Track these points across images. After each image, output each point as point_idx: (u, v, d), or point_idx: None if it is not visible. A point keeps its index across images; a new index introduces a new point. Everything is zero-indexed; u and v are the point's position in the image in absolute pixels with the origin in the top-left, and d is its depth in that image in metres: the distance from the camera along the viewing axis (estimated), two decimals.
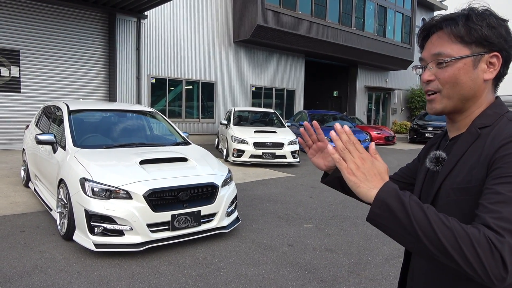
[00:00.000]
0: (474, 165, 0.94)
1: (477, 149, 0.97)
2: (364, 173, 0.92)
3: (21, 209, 5.20)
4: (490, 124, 1.00)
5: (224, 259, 3.82)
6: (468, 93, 1.01)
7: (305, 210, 5.72)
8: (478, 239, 0.78)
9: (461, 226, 0.80)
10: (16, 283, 3.15)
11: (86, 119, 5.33)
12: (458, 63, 0.99)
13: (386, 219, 0.86)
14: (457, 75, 0.99)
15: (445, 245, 0.79)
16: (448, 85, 1.00)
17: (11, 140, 10.65)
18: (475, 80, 1.00)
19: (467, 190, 0.94)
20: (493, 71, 1.00)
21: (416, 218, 0.82)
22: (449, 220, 0.81)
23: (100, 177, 3.79)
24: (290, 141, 9.91)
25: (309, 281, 3.40)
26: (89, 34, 11.82)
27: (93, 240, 3.67)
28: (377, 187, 0.90)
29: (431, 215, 0.82)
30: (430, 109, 1.07)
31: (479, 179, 0.92)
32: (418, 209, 0.83)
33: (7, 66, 10.44)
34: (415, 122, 18.58)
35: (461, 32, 0.98)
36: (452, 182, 0.98)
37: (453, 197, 0.97)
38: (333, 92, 22.78)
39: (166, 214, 3.83)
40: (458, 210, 0.96)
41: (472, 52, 0.98)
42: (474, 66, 0.99)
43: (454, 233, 0.79)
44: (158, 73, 13.39)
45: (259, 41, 15.14)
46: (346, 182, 0.94)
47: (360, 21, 18.44)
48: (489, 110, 1.03)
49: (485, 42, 0.98)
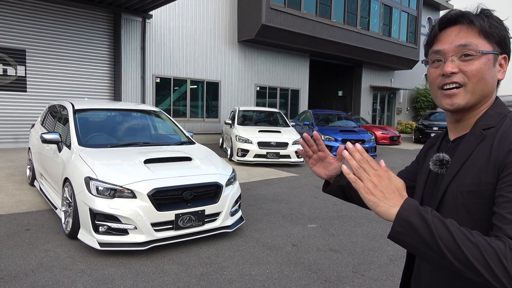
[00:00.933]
0: (483, 168, 0.93)
1: (484, 151, 0.95)
2: (382, 191, 0.90)
3: (27, 207, 5.23)
4: (494, 125, 0.99)
5: (228, 258, 3.82)
6: (488, 90, 1.00)
7: (309, 210, 5.71)
8: (505, 253, 0.76)
9: (486, 241, 0.79)
10: (21, 281, 3.17)
11: (91, 118, 5.35)
12: (483, 58, 0.97)
13: (409, 237, 0.84)
14: (483, 70, 0.97)
15: (472, 261, 0.77)
16: (475, 78, 0.98)
17: (17, 139, 10.72)
18: (493, 78, 1.00)
19: (477, 194, 0.93)
20: (503, 72, 1.02)
21: (440, 234, 0.80)
22: (473, 235, 0.79)
23: (105, 176, 3.80)
24: (294, 140, 9.89)
25: (313, 281, 3.39)
26: (94, 34, 11.88)
27: (98, 239, 3.68)
28: (397, 204, 0.87)
29: (455, 231, 0.80)
30: (450, 104, 1.00)
31: (489, 182, 0.91)
32: (441, 226, 0.81)
33: (13, 65, 10.51)
34: (420, 122, 18.49)
35: (487, 28, 0.98)
36: (460, 185, 0.96)
37: (461, 200, 0.95)
38: (338, 92, 22.73)
39: (170, 213, 3.84)
40: (467, 213, 0.95)
41: (494, 50, 0.99)
42: (494, 64, 0.99)
43: (480, 249, 0.77)
44: (163, 72, 13.42)
45: (264, 40, 15.13)
46: (365, 202, 0.91)
47: (365, 21, 18.37)
48: (491, 111, 1.02)
49: (502, 43, 1.00)
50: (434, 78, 1.04)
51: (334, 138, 11.81)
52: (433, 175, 1.11)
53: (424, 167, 1.17)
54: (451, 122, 1.10)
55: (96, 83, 12.05)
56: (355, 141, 11.92)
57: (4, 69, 10.36)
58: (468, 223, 0.94)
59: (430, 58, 1.06)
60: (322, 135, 11.95)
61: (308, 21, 15.46)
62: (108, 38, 12.18)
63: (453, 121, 1.09)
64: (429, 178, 1.13)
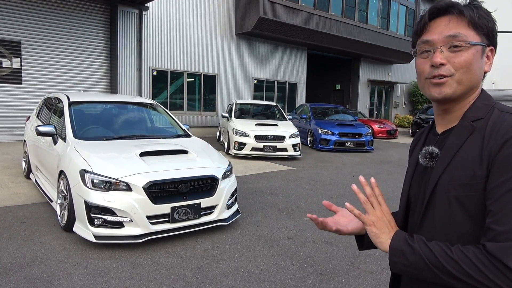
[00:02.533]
0: (476, 160, 0.93)
1: (475, 143, 0.95)
2: (385, 225, 1.00)
3: (22, 200, 5.22)
4: (482, 116, 0.99)
5: (224, 251, 3.82)
6: (475, 81, 1.00)
7: (305, 203, 5.71)
8: (481, 259, 0.84)
9: (463, 253, 0.87)
10: (16, 274, 3.16)
11: (87, 111, 5.31)
12: (472, 49, 0.97)
13: (403, 264, 0.94)
14: (471, 61, 0.97)
15: (456, 274, 0.86)
16: (462, 70, 0.98)
17: (12, 132, 10.66)
18: (481, 69, 1.00)
19: (471, 186, 0.92)
20: (489, 65, 1.02)
21: (426, 256, 0.90)
22: (451, 251, 0.88)
23: (100, 169, 3.79)
24: (291, 134, 9.88)
25: (309, 274, 3.40)
26: (91, 26, 11.77)
27: (93, 231, 3.68)
28: (390, 237, 0.98)
29: (437, 250, 0.89)
30: (438, 93, 1.00)
31: (483, 175, 0.90)
32: (425, 248, 0.91)
33: (9, 57, 10.41)
34: (417, 116, 18.50)
35: (476, 19, 0.97)
36: (452, 178, 0.96)
37: (453, 193, 0.95)
38: (335, 85, 22.68)
39: (166, 206, 3.83)
40: (460, 206, 0.94)
41: (482, 41, 0.99)
42: (482, 55, 0.99)
43: (459, 262, 0.86)
44: (159, 65, 13.34)
45: (261, 33, 15.04)
46: (367, 232, 1.01)
47: (364, 14, 18.29)
48: (478, 102, 1.02)
49: (490, 35, 0.99)
50: (422, 69, 1.04)
51: (331, 132, 11.80)
52: (420, 169, 1.10)
53: (411, 161, 1.17)
54: (439, 114, 1.09)
55: (92, 76, 11.96)
56: (352, 134, 11.93)
57: None
58: (463, 217, 0.94)
59: (418, 48, 1.05)
60: (319, 129, 11.96)
61: (306, 14, 15.37)
62: (105, 30, 12.07)
63: (441, 113, 1.08)
64: (416, 171, 1.12)
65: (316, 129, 12.05)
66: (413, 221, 1.08)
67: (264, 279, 3.27)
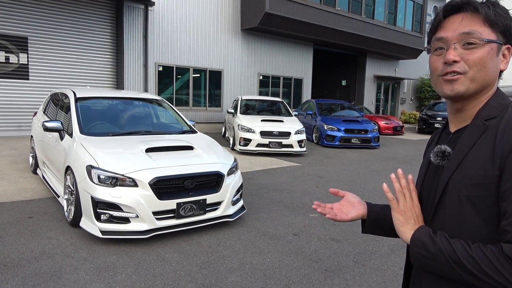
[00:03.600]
0: (488, 160, 0.92)
1: (487, 142, 0.94)
2: (411, 216, 1.03)
3: (30, 195, 5.26)
4: (496, 115, 0.97)
5: (229, 247, 3.83)
6: (489, 80, 0.99)
7: (311, 199, 5.71)
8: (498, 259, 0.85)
9: (482, 251, 0.87)
10: (23, 268, 3.19)
11: (93, 107, 5.33)
12: (486, 46, 0.96)
13: (423, 255, 0.96)
14: (485, 58, 0.96)
15: (474, 272, 0.87)
16: (476, 67, 0.97)
17: (20, 127, 10.74)
18: (496, 67, 0.99)
19: (482, 186, 0.92)
20: (506, 63, 1.00)
21: (446, 251, 0.91)
22: (471, 248, 0.88)
23: (106, 165, 3.81)
24: (297, 130, 9.85)
25: (314, 270, 3.40)
26: (97, 21, 11.79)
27: (100, 227, 3.70)
28: (415, 229, 1.01)
29: (457, 247, 0.90)
30: (450, 90, 1.00)
31: (495, 175, 0.90)
32: (447, 243, 0.92)
33: (16, 53, 10.47)
34: (424, 112, 18.37)
35: (492, 16, 0.96)
36: (464, 177, 0.95)
37: (465, 193, 0.94)
38: (341, 81, 22.56)
39: (172, 202, 3.85)
40: (472, 206, 0.93)
41: (498, 39, 0.97)
42: (497, 53, 0.98)
43: (477, 261, 0.87)
44: (165, 61, 13.34)
45: (267, 29, 14.98)
46: (393, 219, 1.04)
47: (370, 9, 18.13)
48: (492, 101, 1.00)
49: (507, 32, 0.98)
50: (436, 66, 1.03)
51: (337, 128, 11.76)
52: (433, 167, 1.10)
53: (425, 160, 1.17)
54: (452, 112, 1.08)
55: (99, 71, 12.00)
56: (358, 131, 11.87)
57: (6, 56, 10.33)
58: (474, 217, 0.93)
59: (432, 45, 1.05)
60: (325, 125, 11.91)
61: (312, 9, 15.27)
62: (110, 26, 12.09)
63: (454, 111, 1.07)
64: (429, 170, 1.12)
65: (322, 125, 12.01)
66: (424, 219, 1.08)
67: (269, 275, 3.28)
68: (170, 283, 3.06)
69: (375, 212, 1.29)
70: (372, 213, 1.29)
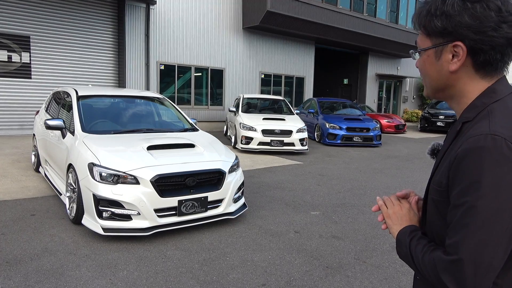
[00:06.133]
0: (446, 167, 0.92)
1: (454, 148, 0.91)
2: (398, 218, 1.12)
3: (32, 193, 5.28)
4: (471, 118, 0.93)
5: (231, 244, 3.84)
6: (437, 84, 1.00)
7: (312, 197, 5.71)
8: (439, 264, 0.89)
9: (427, 256, 0.93)
10: (26, 265, 3.21)
11: (95, 105, 5.35)
12: (423, 54, 1.01)
13: (401, 254, 1.05)
14: (423, 66, 1.02)
15: (425, 273, 0.94)
16: (422, 74, 1.05)
17: (22, 126, 10.78)
18: (440, 71, 0.97)
19: (439, 192, 0.94)
20: (457, 62, 0.93)
21: (412, 252, 1.00)
22: (423, 253, 0.95)
23: (108, 162, 3.82)
24: (298, 128, 9.86)
25: (315, 267, 3.41)
26: (98, 20, 11.81)
27: (101, 224, 3.72)
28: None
29: (414, 250, 0.99)
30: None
31: (445, 184, 0.91)
32: (413, 245, 1.00)
33: (18, 52, 10.51)
34: (426, 111, 18.34)
35: (423, 23, 0.98)
36: (433, 181, 0.99)
37: (432, 195, 0.99)
38: (343, 80, 22.53)
39: (173, 200, 3.86)
40: (435, 208, 0.97)
41: (433, 44, 0.97)
42: (437, 57, 0.97)
43: (426, 264, 0.93)
44: (167, 59, 13.36)
45: (269, 27, 14.97)
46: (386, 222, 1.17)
47: (372, 7, 18.09)
48: (477, 101, 0.94)
49: (444, 32, 0.93)
50: None
51: (339, 127, 11.75)
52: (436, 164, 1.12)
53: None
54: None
55: (101, 70, 12.03)
56: (360, 129, 11.86)
57: (9, 55, 10.37)
58: (439, 219, 0.96)
59: None
60: (327, 123, 11.91)
61: (313, 8, 15.25)
62: (112, 25, 12.11)
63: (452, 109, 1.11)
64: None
65: (324, 123, 12.00)
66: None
67: (270, 272, 3.28)
68: (172, 280, 3.07)
69: None
70: None
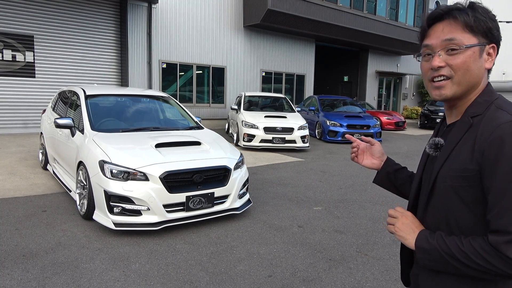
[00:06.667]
0: (468, 155, 1.03)
1: (470, 138, 1.04)
2: (408, 227, 1.16)
3: (41, 190, 5.42)
4: (480, 113, 1.07)
5: (237, 238, 3.98)
6: (475, 80, 1.08)
7: (314, 193, 5.85)
8: (485, 249, 0.96)
9: (471, 245, 0.99)
10: (42, 258, 3.35)
11: (102, 104, 5.47)
12: (468, 51, 1.05)
13: (428, 259, 1.08)
14: (468, 62, 1.05)
15: (469, 264, 0.99)
16: (461, 71, 1.06)
17: (26, 124, 10.91)
18: (480, 68, 1.08)
19: (463, 178, 1.03)
20: (491, 61, 1.09)
21: (444, 250, 1.03)
22: (463, 244, 1.00)
23: (118, 160, 3.95)
24: (300, 126, 9.98)
25: (318, 260, 3.55)
26: (101, 19, 11.92)
27: (113, 219, 3.85)
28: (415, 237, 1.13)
29: (451, 244, 1.02)
30: (438, 95, 1.11)
31: (474, 169, 1.01)
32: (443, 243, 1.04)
33: (22, 51, 10.62)
34: (426, 108, 18.46)
35: (471, 22, 1.05)
36: (449, 169, 1.07)
37: (449, 183, 1.06)
38: (343, 77, 22.64)
39: (181, 196, 3.99)
40: (455, 194, 1.05)
41: (479, 42, 1.06)
42: (480, 55, 1.06)
43: (468, 254, 0.98)
44: (169, 58, 13.47)
45: (270, 25, 15.07)
46: (398, 239, 1.19)
47: (372, 5, 18.18)
48: (479, 98, 1.09)
49: (489, 34, 1.06)
50: (426, 71, 1.15)
51: (339, 124, 11.87)
52: (430, 158, 1.21)
53: (425, 150, 1.28)
54: (447, 108, 1.20)
55: (104, 69, 12.15)
56: (360, 126, 11.99)
57: (13, 55, 10.48)
58: (459, 204, 1.05)
59: (422, 52, 1.16)
60: (328, 121, 12.04)
61: (314, 6, 15.34)
62: (115, 24, 12.22)
63: (447, 108, 1.19)
64: (428, 160, 1.23)
65: (324, 121, 12.13)
66: (421, 205, 1.21)
67: (276, 264, 3.42)
68: (182, 272, 3.22)
69: (390, 169, 1.49)
70: (386, 168, 1.49)
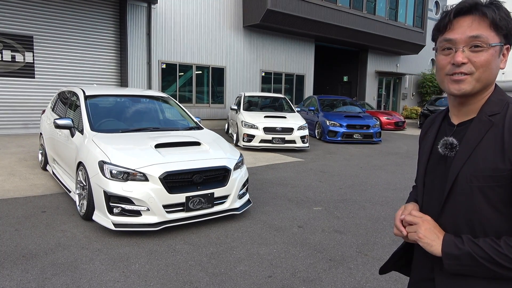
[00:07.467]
0: (497, 154, 1.01)
1: (495, 137, 1.03)
2: (432, 233, 1.10)
3: (41, 191, 5.41)
4: (499, 111, 1.07)
5: (237, 239, 3.98)
6: (492, 79, 1.08)
7: (314, 193, 5.85)
8: None
9: (508, 245, 0.98)
10: (42, 259, 3.34)
11: (102, 104, 5.47)
12: (491, 49, 1.04)
13: (458, 265, 1.05)
14: (490, 61, 1.04)
15: (507, 266, 0.98)
16: (482, 69, 1.05)
17: (26, 125, 10.90)
18: (497, 68, 1.08)
19: (493, 178, 1.01)
20: (505, 62, 1.10)
21: (478, 254, 1.01)
22: (499, 245, 0.99)
23: (118, 160, 3.95)
24: (299, 126, 9.98)
25: (318, 260, 3.55)
26: (101, 20, 11.92)
27: (112, 220, 3.85)
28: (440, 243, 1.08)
29: (486, 247, 1.00)
30: (457, 89, 1.08)
31: (507, 168, 0.99)
32: (476, 247, 1.02)
33: (21, 52, 10.62)
34: (425, 108, 18.46)
35: (497, 20, 1.04)
36: (474, 169, 1.04)
37: (476, 184, 1.03)
38: (343, 77, 22.65)
39: (181, 196, 3.99)
40: (482, 195, 1.03)
41: (500, 42, 1.06)
42: (499, 54, 1.07)
43: (507, 254, 0.98)
44: (168, 58, 13.47)
45: (269, 25, 15.08)
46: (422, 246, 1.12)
47: (372, 5, 18.19)
48: (493, 97, 1.10)
49: (509, 35, 1.07)
50: (444, 65, 1.11)
51: (339, 124, 11.87)
52: (436, 156, 1.18)
53: (426, 147, 1.25)
54: (454, 106, 1.17)
55: (103, 69, 12.14)
56: (360, 126, 11.99)
57: (12, 55, 10.48)
58: (485, 205, 1.03)
59: (440, 45, 1.12)
60: (327, 121, 12.04)
61: (313, 6, 15.35)
62: (114, 24, 12.22)
63: (456, 105, 1.16)
64: (431, 158, 1.20)
65: (324, 121, 12.13)
66: (431, 206, 1.17)
67: (276, 265, 3.42)
68: (182, 272, 3.21)
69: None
70: None
